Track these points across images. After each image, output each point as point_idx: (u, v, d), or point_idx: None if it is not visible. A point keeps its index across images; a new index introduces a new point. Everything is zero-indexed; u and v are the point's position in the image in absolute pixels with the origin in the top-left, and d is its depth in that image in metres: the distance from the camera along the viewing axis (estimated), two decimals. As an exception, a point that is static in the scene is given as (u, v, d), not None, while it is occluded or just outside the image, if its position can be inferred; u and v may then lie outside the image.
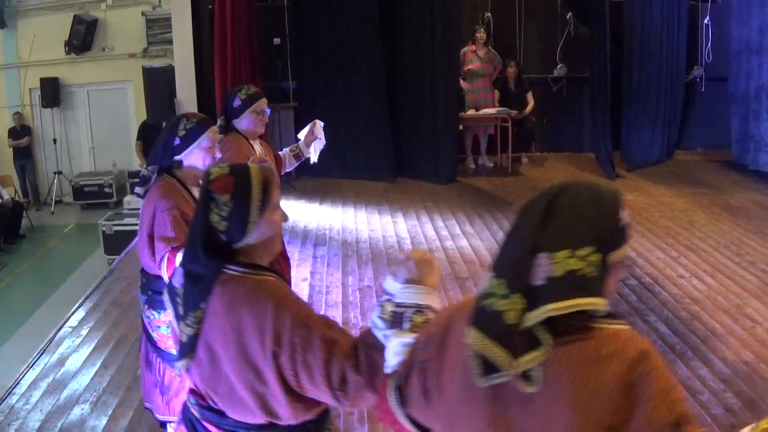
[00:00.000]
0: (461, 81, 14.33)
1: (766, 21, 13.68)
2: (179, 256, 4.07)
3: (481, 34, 14.37)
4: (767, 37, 13.72)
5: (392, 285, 2.73)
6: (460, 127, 14.26)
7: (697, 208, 12.04)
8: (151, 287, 4.80)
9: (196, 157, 4.79)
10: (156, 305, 4.76)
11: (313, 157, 6.99)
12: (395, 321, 2.66)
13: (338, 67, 13.95)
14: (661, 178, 13.92)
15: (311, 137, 6.89)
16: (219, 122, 6.13)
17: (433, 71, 13.62)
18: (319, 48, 14.00)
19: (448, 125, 13.68)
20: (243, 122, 6.28)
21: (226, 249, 2.97)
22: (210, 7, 12.54)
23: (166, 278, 4.29)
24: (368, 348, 2.74)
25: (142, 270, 4.91)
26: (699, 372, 6.75)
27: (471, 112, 14.26)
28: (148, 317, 4.88)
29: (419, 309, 2.66)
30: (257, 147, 6.36)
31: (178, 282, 3.06)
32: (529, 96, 14.78)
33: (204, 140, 4.80)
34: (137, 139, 17.30)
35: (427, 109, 13.71)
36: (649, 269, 9.28)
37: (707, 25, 14.97)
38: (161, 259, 4.48)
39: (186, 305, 3.00)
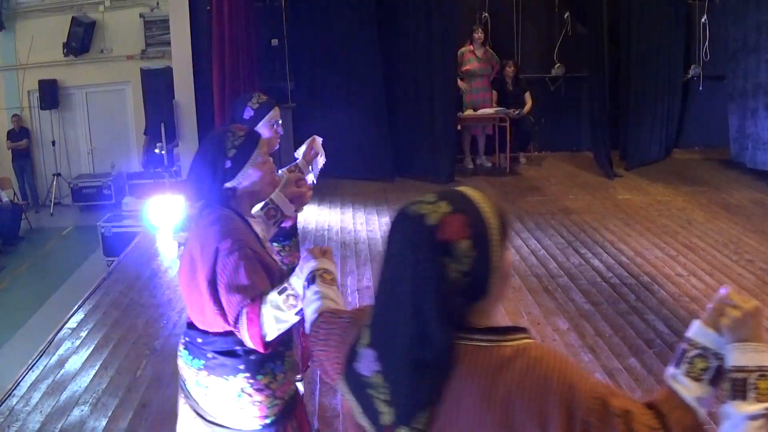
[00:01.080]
0: (459, 81, 14.35)
1: (764, 19, 13.68)
2: (266, 312, 3.35)
3: (479, 34, 14.40)
4: (765, 36, 13.73)
5: (712, 338, 2.21)
6: (458, 127, 14.25)
7: (695, 206, 12.05)
8: (215, 348, 3.71)
9: (252, 176, 3.79)
10: (228, 370, 3.71)
11: (313, 177, 6.13)
12: (736, 389, 2.16)
13: (336, 68, 13.98)
14: (660, 177, 13.95)
15: (311, 154, 6.10)
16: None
17: (430, 71, 13.63)
18: (317, 48, 14.03)
19: (447, 125, 13.69)
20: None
21: (459, 314, 2.14)
22: (208, 8, 12.53)
23: (248, 340, 3.42)
24: (675, 412, 2.22)
25: (191, 327, 3.82)
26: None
27: (469, 112, 14.29)
28: (205, 386, 3.77)
29: (763, 373, 2.13)
30: None
31: (367, 369, 2.25)
32: (527, 96, 14.80)
33: (258, 156, 3.81)
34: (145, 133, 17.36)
35: (425, 109, 13.73)
36: (648, 268, 9.29)
37: (705, 23, 14.98)
38: (238, 316, 3.43)
39: (407, 405, 2.16)
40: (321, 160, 6.22)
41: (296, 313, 3.32)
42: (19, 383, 6.79)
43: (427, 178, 13.66)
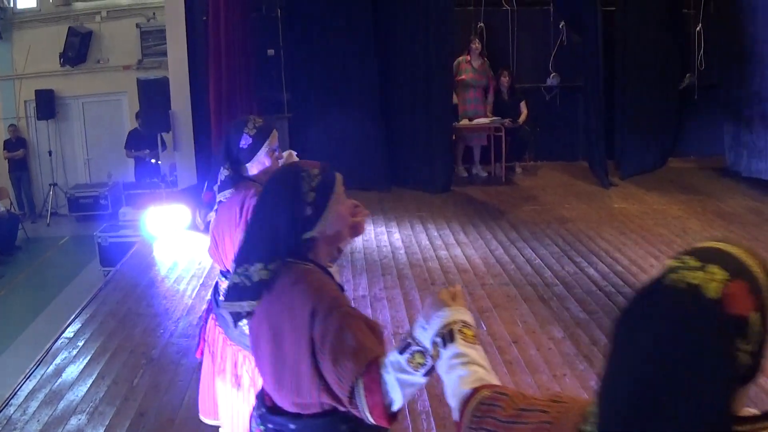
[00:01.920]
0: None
1: (759, 28, 13.74)
2: (388, 377, 2.69)
3: (476, 45, 14.46)
4: (760, 44, 13.78)
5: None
6: (453, 137, 14.28)
7: (690, 215, 12.08)
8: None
9: (334, 221, 3.27)
10: None
11: None
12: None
13: (332, 77, 13.99)
14: (655, 186, 13.98)
15: None
16: (223, 174, 4.80)
17: (426, 81, 13.66)
18: (313, 58, 14.04)
19: (443, 135, 13.73)
20: (258, 166, 4.87)
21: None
22: (204, 18, 12.56)
23: (369, 416, 2.76)
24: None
25: (276, 411, 3.13)
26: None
27: (465, 122, 14.31)
28: None
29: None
30: None
31: None
32: (523, 105, 14.83)
33: (337, 196, 3.24)
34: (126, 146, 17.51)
35: (421, 118, 13.75)
36: (643, 277, 9.29)
37: (700, 32, 15.01)
38: (353, 388, 2.74)
39: None
40: None
41: (425, 374, 2.64)
42: (16, 392, 6.80)
43: (422, 187, 13.69)
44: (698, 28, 15.04)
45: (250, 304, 3.11)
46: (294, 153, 5.80)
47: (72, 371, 7.23)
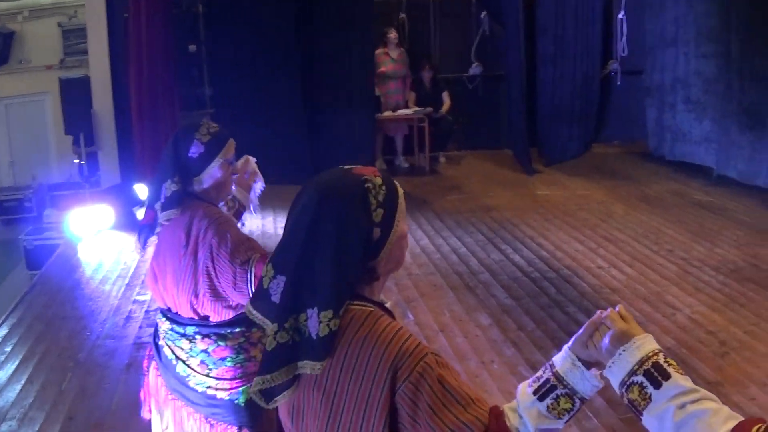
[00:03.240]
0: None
1: (682, 13, 13.95)
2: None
3: (393, 35, 14.42)
4: (682, 30, 13.98)
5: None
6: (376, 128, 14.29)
7: (614, 199, 12.25)
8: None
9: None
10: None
11: (253, 207, 4.99)
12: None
13: (254, 72, 13.90)
14: (579, 172, 14.16)
15: (246, 180, 4.83)
16: (169, 188, 4.05)
17: (348, 73, 13.65)
18: (235, 53, 13.94)
19: (365, 127, 13.73)
20: (210, 180, 4.18)
21: None
22: (125, 15, 12.44)
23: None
24: None
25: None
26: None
27: (388, 113, 14.32)
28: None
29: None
30: None
31: None
32: (445, 95, 14.86)
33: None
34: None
35: (343, 111, 13.73)
36: (568, 261, 9.44)
37: (622, 19, 15.14)
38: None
39: None
40: (259, 186, 4.93)
41: (567, 420, 2.37)
42: (-57, 400, 6.74)
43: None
44: (621, 15, 15.16)
45: (314, 366, 2.36)
46: (252, 159, 4.91)
47: (0, 377, 7.16)
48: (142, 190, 11.26)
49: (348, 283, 2.38)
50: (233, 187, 4.56)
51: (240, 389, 4.04)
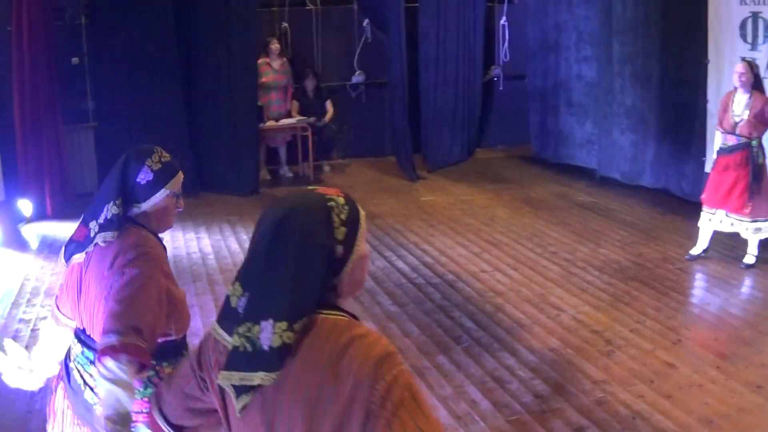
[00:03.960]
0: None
1: (562, 19, 14.18)
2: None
3: (275, 45, 14.25)
4: (563, 35, 14.15)
5: None
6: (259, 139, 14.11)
7: (498, 203, 12.27)
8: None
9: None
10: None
11: None
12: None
13: (136, 85, 13.59)
14: (463, 177, 14.17)
15: None
16: (110, 210, 3.84)
17: (230, 84, 13.46)
18: (117, 66, 13.61)
19: (248, 137, 13.54)
20: (153, 209, 3.95)
21: None
22: (9, 29, 12.09)
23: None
24: None
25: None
26: (506, 362, 6.93)
27: (270, 123, 14.14)
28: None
29: None
30: None
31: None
32: (329, 104, 14.72)
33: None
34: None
35: (226, 122, 13.54)
36: (452, 266, 9.40)
37: (504, 25, 15.23)
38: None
39: None
40: None
41: None
42: None
43: (231, 191, 13.47)
44: (503, 21, 15.24)
45: (265, 377, 2.35)
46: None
47: None
48: (26, 207, 10.95)
49: (308, 298, 2.37)
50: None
51: (143, 423, 3.73)
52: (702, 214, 9.74)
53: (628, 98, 12.80)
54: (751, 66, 9.27)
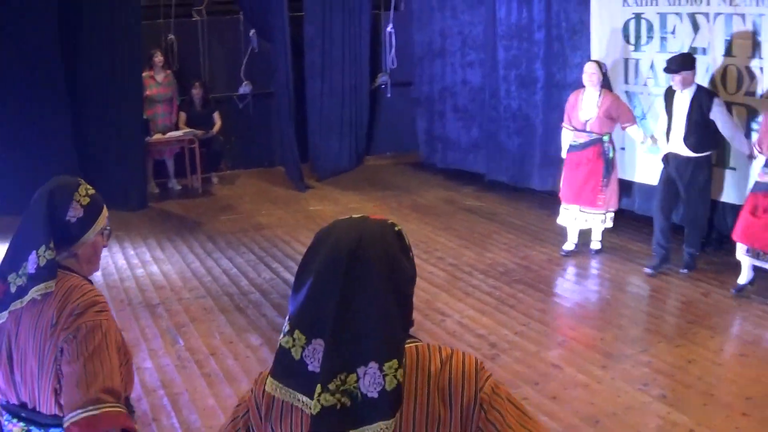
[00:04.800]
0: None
1: (447, 25, 14.27)
2: None
3: (159, 58, 14.11)
4: (449, 41, 14.26)
5: None
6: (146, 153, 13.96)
7: (386, 211, 12.32)
8: None
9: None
10: None
11: None
12: None
13: (18, 103, 13.35)
14: (351, 185, 14.22)
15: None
16: (43, 256, 3.34)
17: (116, 99, 13.25)
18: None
19: (135, 151, 13.37)
20: (84, 251, 3.54)
21: None
22: None
23: None
24: None
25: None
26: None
27: (157, 136, 14.00)
28: None
29: None
30: None
31: None
32: (216, 116, 14.62)
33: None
34: None
35: (112, 137, 13.33)
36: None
37: (390, 32, 15.28)
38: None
39: None
40: None
41: None
42: None
43: (118, 207, 13.17)
44: (389, 28, 15.29)
45: (384, 427, 2.16)
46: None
47: None
48: None
49: (403, 328, 2.27)
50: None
51: None
52: (561, 210, 10.17)
53: (513, 102, 12.92)
54: (600, 66, 9.85)
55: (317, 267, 2.22)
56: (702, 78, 9.66)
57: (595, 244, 10.26)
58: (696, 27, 9.79)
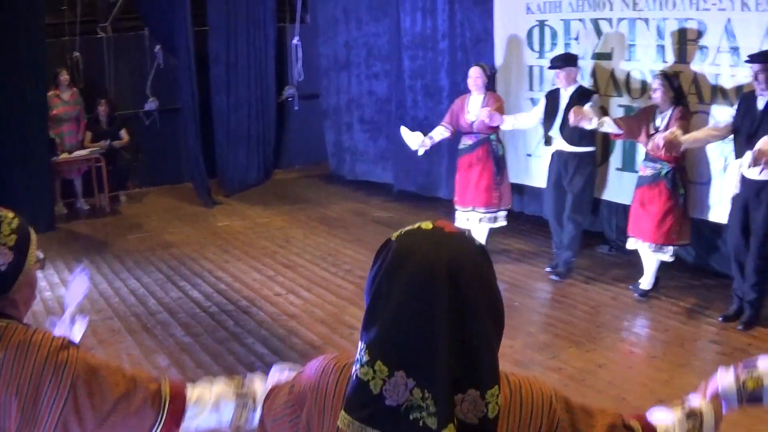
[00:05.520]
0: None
1: (353, 37, 14.34)
2: None
3: (64, 77, 13.96)
4: (354, 52, 14.33)
5: None
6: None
7: (294, 224, 12.32)
8: None
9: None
10: None
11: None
12: None
13: None
14: (259, 200, 14.17)
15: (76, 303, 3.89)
16: None
17: (21, 119, 13.06)
18: None
19: (42, 172, 13.19)
20: (21, 292, 2.94)
21: None
22: None
23: None
24: None
25: None
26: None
27: (64, 155, 13.85)
28: None
29: None
30: None
31: None
32: (123, 133, 14.47)
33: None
34: None
35: (18, 158, 13.13)
36: (246, 292, 9.39)
37: (297, 44, 15.29)
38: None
39: None
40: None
41: None
42: None
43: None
44: (295, 41, 15.31)
45: None
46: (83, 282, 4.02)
47: None
48: None
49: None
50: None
51: None
52: (456, 214, 10.28)
53: (420, 112, 13.02)
54: (484, 69, 10.15)
55: (404, 291, 2.05)
56: (605, 83, 9.87)
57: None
58: (599, 32, 9.98)
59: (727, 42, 8.62)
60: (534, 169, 10.82)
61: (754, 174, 7.50)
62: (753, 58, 7.82)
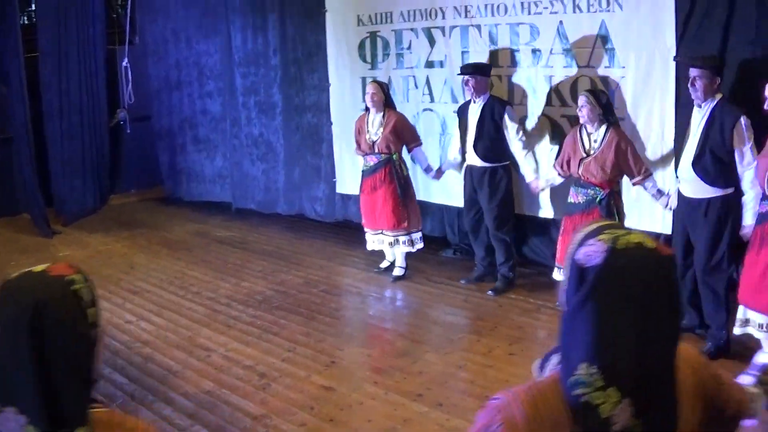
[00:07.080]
0: None
1: (183, 56, 14.28)
2: None
3: None
4: (185, 72, 14.24)
5: None
6: None
7: (136, 249, 12.15)
8: None
9: None
10: None
11: None
12: None
13: None
14: (98, 227, 13.86)
15: None
16: None
17: None
18: None
19: None
20: None
21: None
22: None
23: None
24: None
25: None
26: (163, 412, 6.82)
27: None
28: None
29: None
30: None
31: None
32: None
33: None
34: None
35: None
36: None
37: (126, 67, 15.03)
38: None
39: None
40: None
41: None
42: None
43: None
44: (125, 63, 15.05)
45: None
46: None
47: None
48: None
49: None
50: None
51: None
52: (366, 237, 10.26)
53: (255, 128, 13.05)
54: (382, 86, 9.85)
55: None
56: (440, 90, 10.01)
57: (398, 271, 10.19)
58: (432, 41, 10.11)
59: (560, 44, 8.83)
60: (441, 186, 10.47)
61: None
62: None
